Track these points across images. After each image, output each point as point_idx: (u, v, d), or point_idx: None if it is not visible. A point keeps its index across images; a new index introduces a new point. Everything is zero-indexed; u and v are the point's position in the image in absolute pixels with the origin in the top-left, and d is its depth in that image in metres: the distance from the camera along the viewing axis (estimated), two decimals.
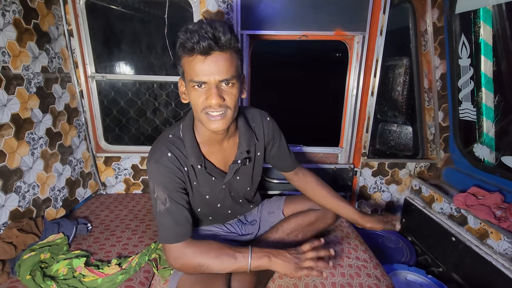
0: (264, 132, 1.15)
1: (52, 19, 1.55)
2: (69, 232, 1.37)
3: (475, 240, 1.39)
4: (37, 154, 1.42)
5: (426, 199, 1.74)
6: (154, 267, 1.22)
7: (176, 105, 2.12)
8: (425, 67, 1.78)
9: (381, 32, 1.61)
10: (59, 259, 1.19)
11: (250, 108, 1.17)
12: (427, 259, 1.69)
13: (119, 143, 1.97)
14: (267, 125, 1.16)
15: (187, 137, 1.00)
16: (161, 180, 0.95)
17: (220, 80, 0.84)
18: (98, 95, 1.83)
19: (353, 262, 1.21)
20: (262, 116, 1.15)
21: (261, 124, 1.14)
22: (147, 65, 2.58)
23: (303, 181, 1.30)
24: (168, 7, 1.65)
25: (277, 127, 1.19)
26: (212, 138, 1.02)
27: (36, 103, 1.42)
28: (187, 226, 0.96)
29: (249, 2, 1.60)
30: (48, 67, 1.51)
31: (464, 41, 1.56)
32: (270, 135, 1.17)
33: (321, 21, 1.64)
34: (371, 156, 1.91)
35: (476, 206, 1.41)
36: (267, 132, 1.16)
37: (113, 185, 1.96)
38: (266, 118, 1.16)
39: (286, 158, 1.26)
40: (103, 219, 1.60)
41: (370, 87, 1.72)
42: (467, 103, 1.64)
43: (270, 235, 1.22)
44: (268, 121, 1.16)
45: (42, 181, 1.45)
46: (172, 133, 1.02)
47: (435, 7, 1.64)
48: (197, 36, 0.79)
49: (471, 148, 1.68)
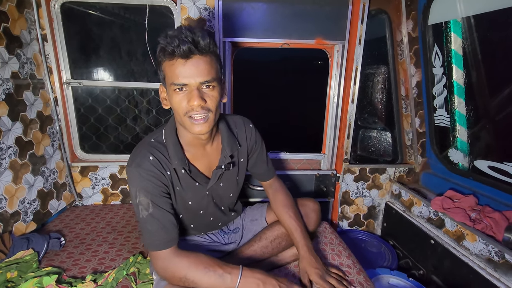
0: (247, 139, 1.15)
1: (24, 23, 1.48)
2: (40, 247, 1.28)
3: (452, 242, 1.44)
4: (5, 164, 1.34)
5: (406, 203, 1.79)
6: (132, 282, 1.16)
7: (157, 112, 2.07)
8: (402, 75, 1.85)
9: (360, 41, 1.66)
10: (28, 277, 1.11)
11: (233, 115, 1.17)
12: (408, 262, 1.73)
13: (96, 152, 1.89)
14: (250, 132, 1.16)
15: (170, 141, 0.98)
16: (143, 185, 0.92)
17: (201, 82, 0.85)
18: (74, 102, 1.76)
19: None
20: (245, 123, 1.16)
21: (244, 130, 1.15)
22: (127, 71, 2.52)
23: (272, 198, 1.26)
24: (148, 13, 1.63)
25: (259, 135, 1.20)
26: (195, 143, 1.01)
27: (4, 111, 1.34)
28: (173, 230, 0.94)
29: (231, 10, 1.60)
30: (19, 72, 1.43)
31: (437, 51, 1.64)
32: (252, 141, 1.18)
33: (302, 30, 1.67)
34: (353, 162, 1.94)
35: (452, 209, 1.46)
36: (249, 138, 1.16)
37: (89, 196, 1.87)
38: (249, 125, 1.17)
39: (264, 167, 1.25)
40: (78, 233, 1.51)
41: (351, 94, 1.76)
42: (442, 109, 1.71)
43: (253, 243, 1.20)
44: (250, 128, 1.17)
45: (11, 193, 1.36)
46: (154, 137, 1.00)
47: (410, 18, 1.72)
48: (177, 40, 0.80)
49: (447, 153, 1.75)
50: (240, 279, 0.90)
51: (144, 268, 1.25)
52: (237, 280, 0.90)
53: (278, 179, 1.31)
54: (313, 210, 1.31)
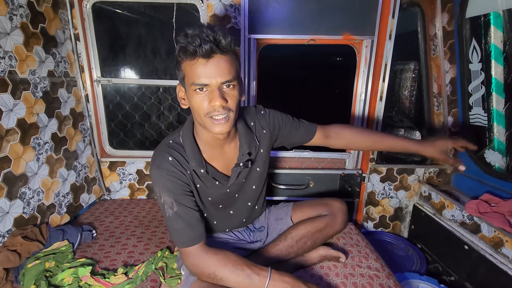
0: (263, 126, 1.13)
1: (59, 23, 1.54)
2: (74, 239, 1.34)
3: (489, 248, 1.36)
4: (42, 159, 1.40)
5: (436, 206, 1.71)
6: (161, 276, 1.19)
7: (181, 109, 2.10)
8: (435, 71, 1.76)
9: (390, 36, 1.59)
10: (64, 267, 1.16)
11: (246, 108, 1.15)
12: (437, 267, 1.66)
13: (123, 148, 1.95)
14: (264, 119, 1.13)
15: (187, 142, 0.99)
16: (166, 185, 0.94)
17: (222, 82, 0.84)
18: (104, 100, 1.82)
19: (365, 271, 1.18)
20: (257, 112, 1.14)
21: (258, 121, 1.12)
22: (152, 69, 2.57)
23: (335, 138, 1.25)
24: (175, 11, 1.64)
25: (273, 112, 1.16)
26: (213, 142, 1.01)
27: (42, 108, 1.40)
28: (199, 226, 0.95)
29: (256, 6, 1.58)
30: (55, 71, 1.50)
31: (475, 46, 1.54)
32: (271, 125, 1.14)
33: (329, 25, 1.62)
34: (379, 162, 1.88)
35: (489, 214, 1.38)
36: (266, 125, 1.13)
37: (117, 190, 1.93)
38: (260, 112, 1.14)
39: (301, 130, 1.20)
40: (108, 226, 1.57)
41: (379, 91, 1.69)
42: (478, 108, 1.61)
43: (279, 243, 1.19)
44: (263, 115, 1.14)
45: (47, 187, 1.43)
46: (172, 139, 1.02)
47: (445, 11, 1.63)
48: (198, 40, 0.79)
49: (482, 153, 1.65)
50: (268, 281, 0.89)
51: (172, 263, 1.27)
52: (265, 282, 0.89)
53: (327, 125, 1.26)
54: (340, 209, 1.29)
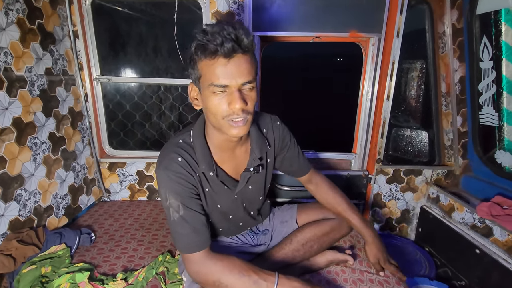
0: (275, 138, 1.09)
1: (57, 20, 1.50)
2: (72, 242, 1.29)
3: (502, 253, 1.31)
4: (39, 160, 1.35)
5: (445, 208, 1.66)
6: (162, 282, 1.14)
7: (183, 109, 2.05)
8: (443, 70, 1.71)
9: (398, 34, 1.55)
10: (61, 272, 1.11)
11: (261, 114, 1.11)
12: (447, 271, 1.61)
13: (124, 148, 1.90)
14: (278, 131, 1.10)
15: (198, 143, 0.94)
16: (173, 187, 0.89)
17: (243, 83, 0.79)
18: (103, 99, 1.77)
19: (374, 277, 1.14)
20: (273, 121, 1.10)
21: (272, 130, 1.09)
22: (153, 68, 2.53)
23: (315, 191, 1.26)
24: (177, 8, 1.60)
25: (287, 130, 1.14)
26: (225, 145, 0.97)
27: (39, 107, 1.36)
28: (205, 232, 0.90)
29: (261, 2, 1.54)
30: (52, 69, 1.45)
31: (485, 43, 1.50)
32: (281, 140, 1.11)
33: (336, 22, 1.58)
34: (386, 163, 1.83)
35: (502, 217, 1.33)
36: (277, 137, 1.10)
37: (117, 191, 1.88)
38: (276, 123, 1.10)
39: (298, 162, 1.19)
40: (107, 229, 1.52)
41: (386, 91, 1.65)
42: (489, 107, 1.57)
43: (284, 246, 1.14)
44: (278, 126, 1.10)
45: (44, 188, 1.38)
46: (181, 138, 0.96)
47: (454, 8, 1.58)
48: (220, 38, 0.73)
49: (492, 154, 1.61)
50: (276, 287, 0.85)
51: (173, 268, 1.22)
52: None
53: (317, 172, 1.25)
54: None
